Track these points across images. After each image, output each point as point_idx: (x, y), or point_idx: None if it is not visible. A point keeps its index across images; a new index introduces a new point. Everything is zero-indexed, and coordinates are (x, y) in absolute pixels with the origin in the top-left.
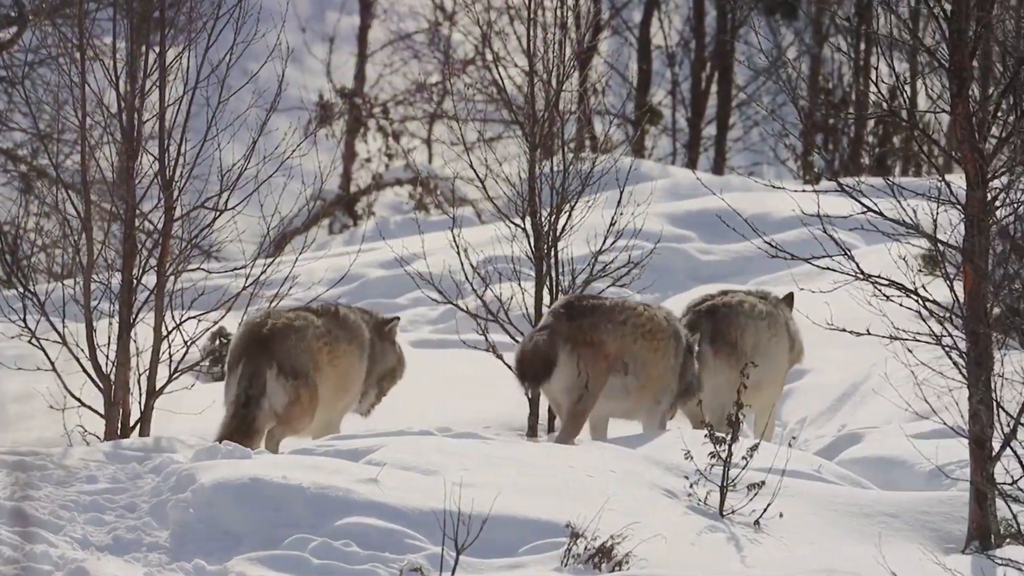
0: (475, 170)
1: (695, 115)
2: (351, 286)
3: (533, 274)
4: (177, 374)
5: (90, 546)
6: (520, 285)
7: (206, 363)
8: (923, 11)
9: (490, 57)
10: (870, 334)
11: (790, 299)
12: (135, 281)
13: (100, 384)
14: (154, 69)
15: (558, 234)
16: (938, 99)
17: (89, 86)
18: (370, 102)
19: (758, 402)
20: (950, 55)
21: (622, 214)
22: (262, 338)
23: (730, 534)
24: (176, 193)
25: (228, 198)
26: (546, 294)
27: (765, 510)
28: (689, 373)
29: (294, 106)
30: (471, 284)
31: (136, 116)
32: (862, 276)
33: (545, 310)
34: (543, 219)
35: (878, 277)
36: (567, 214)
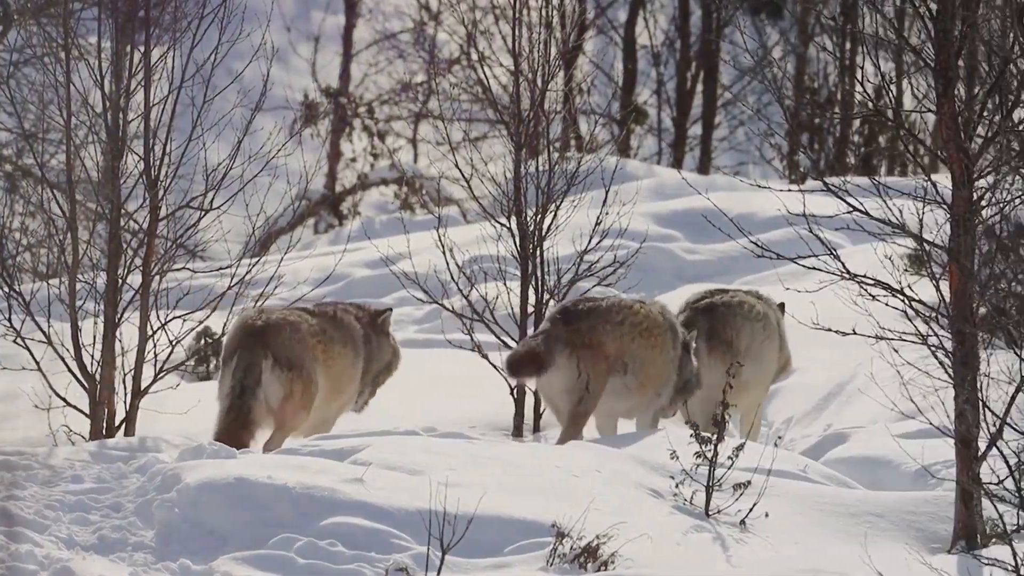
0: (460, 170)
1: (680, 115)
2: (336, 286)
3: (519, 274)
4: (162, 374)
5: (75, 546)
6: (506, 285)
7: (191, 363)
8: (908, 10)
9: (475, 57)
10: (856, 334)
11: (781, 308)
12: (120, 281)
13: (85, 384)
14: (139, 69)
15: (544, 234)
16: (924, 98)
17: (74, 85)
18: (355, 102)
19: (745, 402)
20: (936, 54)
21: (607, 214)
22: (257, 330)
23: (716, 534)
24: (161, 193)
25: (213, 198)
26: (532, 294)
27: (751, 510)
28: (687, 369)
29: (279, 106)
30: (456, 284)
31: (121, 116)
32: (848, 276)
33: (531, 309)
34: (529, 219)
35: (864, 277)
36: (553, 214)
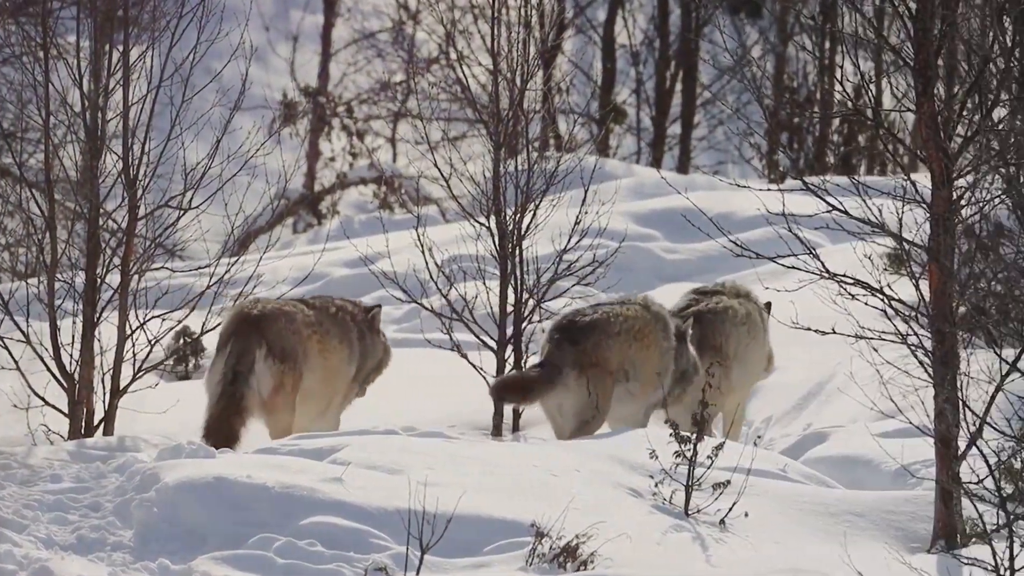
0: (439, 169)
1: (659, 114)
2: (315, 285)
3: (498, 273)
4: (141, 373)
5: (54, 545)
6: (485, 284)
7: (170, 362)
8: (888, 10)
9: (454, 56)
10: (835, 333)
11: (768, 307)
12: (99, 280)
13: (64, 383)
14: (118, 68)
15: (523, 233)
16: (903, 98)
17: (53, 85)
18: (334, 101)
19: (730, 404)
20: (915, 54)
21: (587, 213)
22: (252, 319)
23: (695, 533)
24: (140, 192)
25: (192, 197)
26: (511, 293)
27: (730, 509)
28: (684, 359)
29: (258, 105)
30: (436, 283)
31: (100, 115)
32: (827, 275)
33: (510, 308)
34: (508, 218)
35: (843, 276)
36: (532, 213)
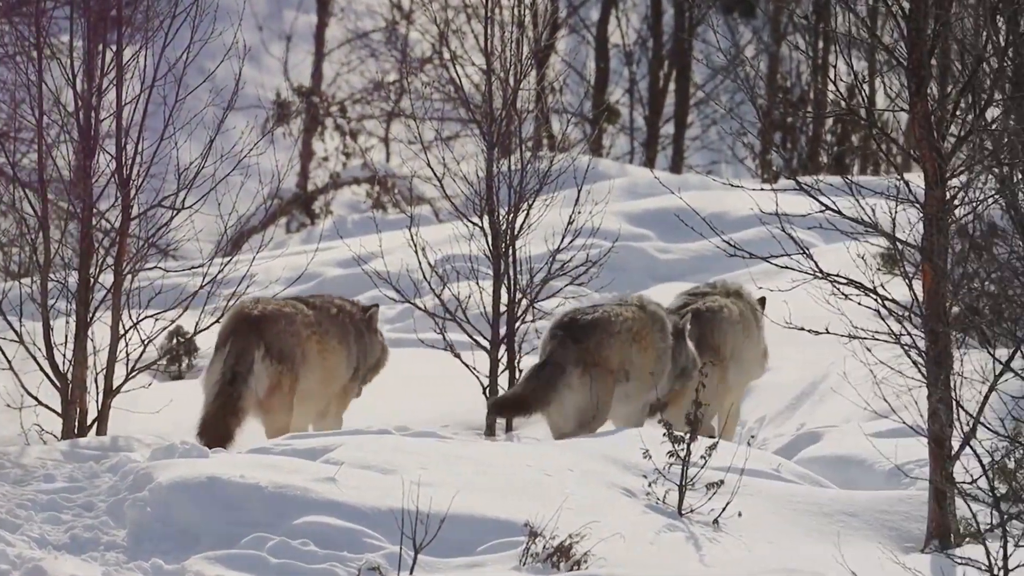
0: (433, 169)
1: (653, 114)
2: (308, 285)
3: (491, 273)
4: (134, 373)
5: (47, 545)
6: (478, 284)
7: (163, 362)
8: (881, 9)
9: (447, 56)
10: (829, 333)
11: (762, 303)
12: (92, 280)
13: (57, 383)
14: (111, 68)
15: (516, 233)
16: (896, 97)
17: (46, 85)
18: (327, 101)
19: (726, 403)
20: (908, 53)
21: (580, 213)
22: (252, 319)
23: (689, 533)
24: (133, 192)
25: (185, 197)
26: (504, 293)
27: (724, 509)
28: (683, 357)
29: (251, 105)
30: (429, 283)
31: (93, 115)
32: (821, 275)
33: (503, 308)
34: (501, 218)
35: (837, 276)
36: (525, 213)
